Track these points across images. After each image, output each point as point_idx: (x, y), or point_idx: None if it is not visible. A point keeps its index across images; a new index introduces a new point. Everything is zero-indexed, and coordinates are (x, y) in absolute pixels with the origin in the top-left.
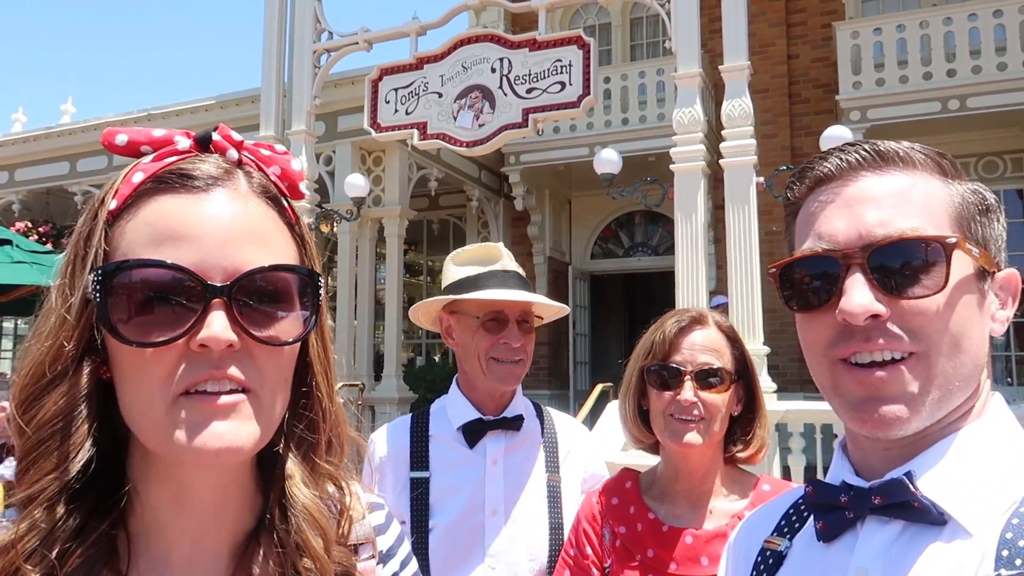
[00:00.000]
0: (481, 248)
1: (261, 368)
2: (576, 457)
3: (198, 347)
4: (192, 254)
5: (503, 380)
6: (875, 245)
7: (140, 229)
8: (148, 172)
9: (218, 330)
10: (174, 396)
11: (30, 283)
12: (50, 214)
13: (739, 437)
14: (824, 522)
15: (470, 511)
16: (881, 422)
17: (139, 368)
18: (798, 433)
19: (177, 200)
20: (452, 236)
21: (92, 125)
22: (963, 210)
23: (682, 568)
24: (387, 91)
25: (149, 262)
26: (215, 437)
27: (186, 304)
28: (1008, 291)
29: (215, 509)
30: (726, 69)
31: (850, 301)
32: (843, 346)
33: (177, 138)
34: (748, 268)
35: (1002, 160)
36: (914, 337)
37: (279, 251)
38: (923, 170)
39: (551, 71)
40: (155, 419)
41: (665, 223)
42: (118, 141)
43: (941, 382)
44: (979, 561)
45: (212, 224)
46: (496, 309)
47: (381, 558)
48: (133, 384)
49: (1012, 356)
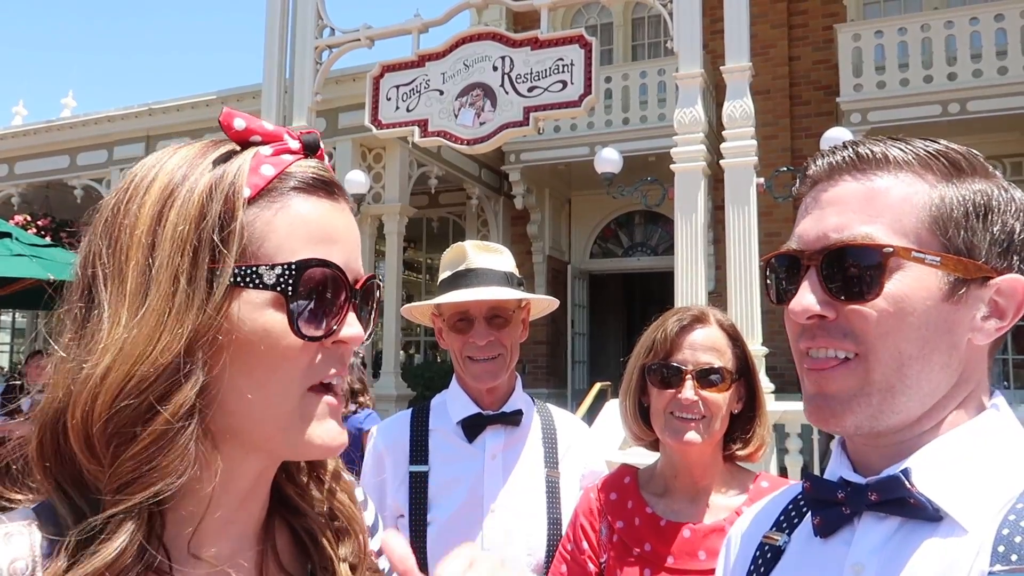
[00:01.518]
0: (452, 251)
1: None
2: (575, 453)
3: (331, 344)
4: (339, 258)
5: (478, 378)
6: (828, 248)
7: (297, 226)
8: (278, 167)
9: (359, 329)
10: (306, 389)
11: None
12: (50, 207)
13: (739, 435)
14: (821, 518)
15: (469, 505)
16: (820, 417)
17: (285, 360)
18: (795, 434)
19: (325, 205)
20: (452, 234)
21: (92, 119)
22: (942, 214)
23: (679, 562)
24: (388, 88)
25: (332, 264)
26: (338, 434)
27: (336, 303)
28: (1010, 298)
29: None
30: (727, 70)
31: (795, 300)
32: (801, 340)
33: (286, 136)
34: (747, 269)
35: (1001, 164)
36: (855, 340)
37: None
38: (907, 172)
39: (552, 70)
40: (286, 411)
41: (665, 223)
42: (236, 125)
43: (881, 387)
44: (974, 557)
45: (350, 232)
46: (460, 310)
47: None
48: (268, 375)
49: (1009, 359)
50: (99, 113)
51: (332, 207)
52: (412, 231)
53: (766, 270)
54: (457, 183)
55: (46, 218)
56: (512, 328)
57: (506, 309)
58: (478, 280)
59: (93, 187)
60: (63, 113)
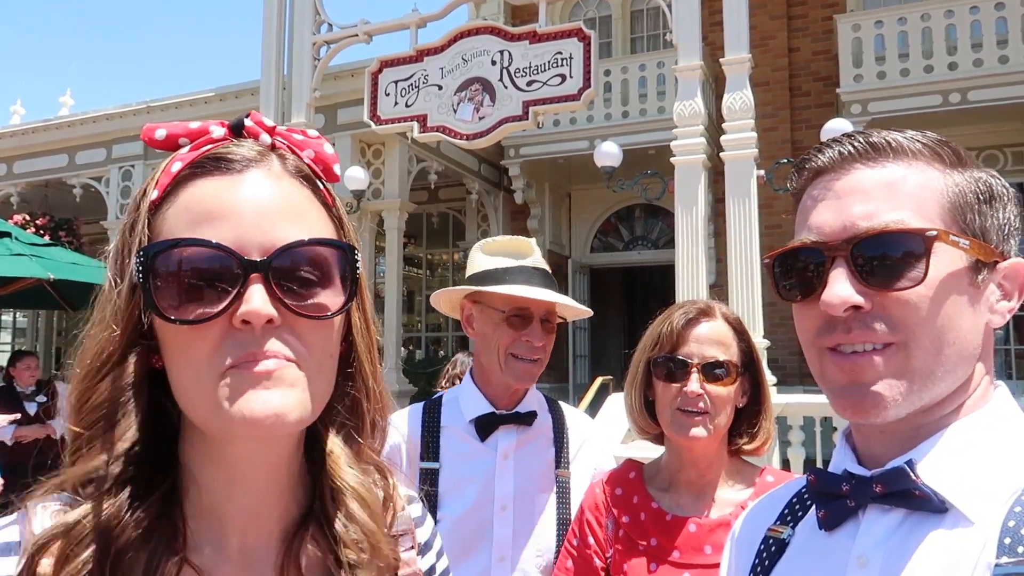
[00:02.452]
0: (512, 241)
1: (306, 342)
2: (587, 453)
3: (240, 323)
4: (230, 233)
5: (519, 378)
6: (858, 238)
7: (180, 214)
8: (185, 161)
9: (257, 304)
10: (221, 372)
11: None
12: (48, 207)
13: (745, 429)
14: (826, 510)
15: (479, 505)
16: (860, 408)
17: (186, 347)
18: (798, 426)
19: (213, 183)
20: (452, 229)
21: (91, 117)
22: (959, 200)
23: (685, 556)
24: (387, 83)
25: (188, 241)
26: (263, 403)
27: (225, 281)
28: (1014, 281)
29: (266, 491)
30: (727, 62)
31: (830, 293)
32: (827, 336)
33: (212, 127)
34: (748, 262)
35: (1003, 153)
36: (895, 328)
37: (315, 228)
38: (919, 160)
39: (551, 64)
40: (204, 395)
41: (665, 216)
42: (157, 136)
43: (922, 372)
44: (980, 549)
45: (248, 203)
46: (522, 306)
47: (420, 549)
48: (181, 363)
49: (1012, 349)
50: (97, 111)
51: (227, 182)
52: (412, 227)
53: (774, 266)
54: (457, 178)
55: (45, 217)
56: (553, 335)
57: (555, 315)
58: (543, 281)
59: (92, 186)
60: (61, 112)
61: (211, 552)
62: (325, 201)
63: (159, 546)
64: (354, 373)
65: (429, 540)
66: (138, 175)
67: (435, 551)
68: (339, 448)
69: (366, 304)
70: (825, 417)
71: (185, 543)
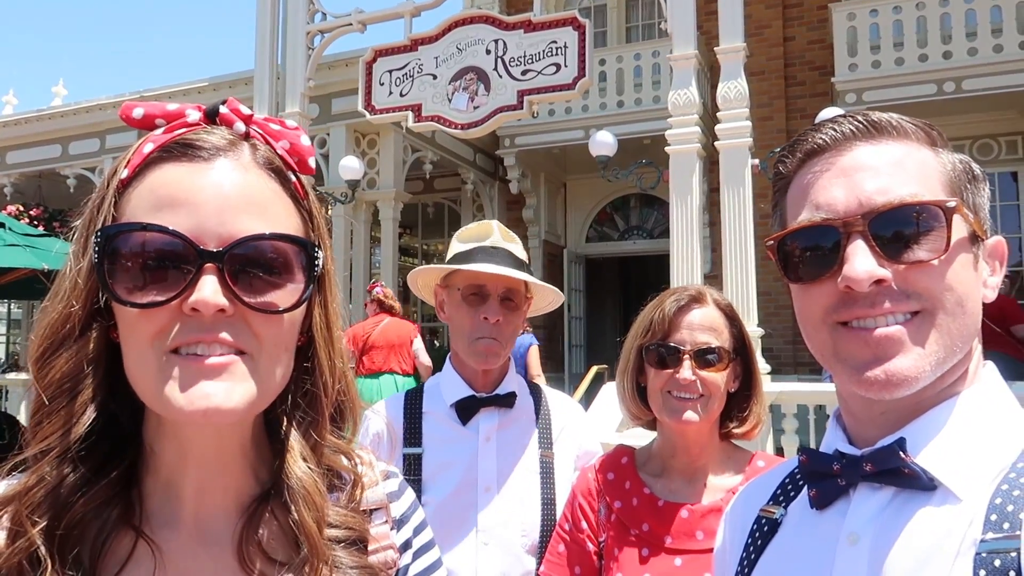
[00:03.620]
0: (477, 226)
1: (257, 334)
2: (570, 434)
3: (189, 310)
4: (188, 220)
5: (480, 355)
6: (876, 212)
7: (143, 196)
8: (157, 143)
9: (207, 294)
10: (164, 353)
11: (24, 266)
12: (42, 197)
13: (736, 414)
14: (817, 490)
15: (463, 487)
16: (888, 382)
17: (134, 328)
18: (791, 414)
19: (179, 168)
20: (447, 219)
21: (84, 107)
22: (955, 177)
23: (677, 542)
24: (381, 73)
25: (144, 225)
26: (203, 397)
27: (179, 268)
28: (996, 258)
29: (219, 466)
30: (722, 51)
31: (853, 267)
32: (844, 311)
33: (188, 111)
34: (743, 251)
35: (996, 143)
36: (918, 298)
37: (279, 222)
38: (915, 140)
39: (546, 53)
40: (148, 376)
41: (660, 206)
42: (135, 115)
43: (946, 341)
44: (968, 525)
45: (210, 192)
46: (477, 283)
47: (395, 524)
48: (129, 343)
49: None
50: (90, 101)
51: (192, 168)
52: (407, 217)
53: (780, 248)
54: (452, 168)
55: (39, 208)
56: (518, 315)
57: (519, 293)
58: (501, 259)
59: (86, 176)
60: (54, 102)
61: (166, 525)
62: (295, 194)
63: (111, 518)
64: (312, 368)
65: (406, 514)
66: None
67: (412, 525)
68: (295, 440)
69: (329, 299)
70: (819, 405)
71: (141, 516)
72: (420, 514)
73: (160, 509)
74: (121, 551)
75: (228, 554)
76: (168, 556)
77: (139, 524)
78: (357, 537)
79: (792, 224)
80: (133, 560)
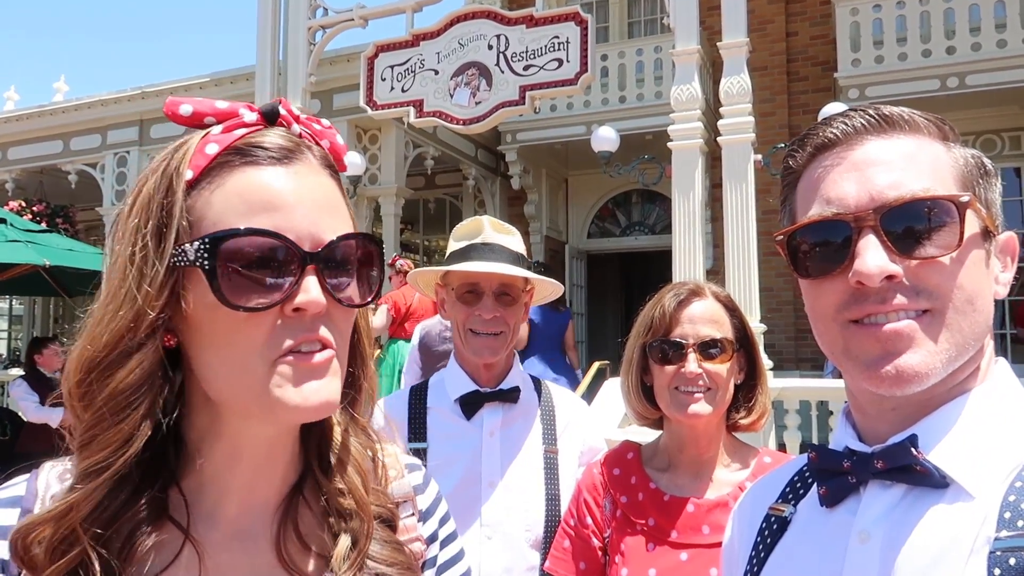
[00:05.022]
0: (468, 223)
1: (339, 329)
2: (574, 430)
3: (291, 311)
4: (286, 224)
5: (478, 352)
6: (888, 207)
7: (231, 200)
8: (222, 144)
9: (316, 294)
10: (276, 357)
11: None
12: (44, 193)
13: (742, 404)
14: (827, 487)
15: (467, 482)
16: (899, 378)
17: (238, 332)
18: (794, 410)
19: (263, 172)
20: (449, 215)
21: (85, 103)
22: (967, 172)
23: (683, 536)
24: (383, 68)
25: (256, 231)
26: (315, 393)
27: (283, 271)
28: (1008, 253)
29: (267, 462)
30: (724, 46)
31: (865, 263)
32: (856, 308)
33: (242, 111)
34: (745, 247)
35: (1000, 138)
36: (929, 296)
37: (347, 220)
38: (926, 134)
39: (548, 48)
40: (253, 381)
41: (662, 202)
42: (182, 111)
43: (957, 340)
44: (981, 523)
45: (299, 195)
46: (471, 281)
47: (421, 516)
48: (227, 348)
49: (1007, 334)
50: (92, 97)
51: (277, 172)
52: (409, 213)
53: (789, 243)
54: (453, 164)
55: (41, 204)
56: (517, 308)
57: (515, 287)
58: (493, 255)
59: (87, 172)
60: (55, 98)
61: (205, 522)
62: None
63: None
64: (355, 351)
65: (431, 507)
66: (133, 161)
67: (437, 518)
68: (338, 415)
69: None
70: (821, 401)
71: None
72: (444, 506)
73: (201, 505)
74: (162, 549)
75: (266, 549)
76: (208, 552)
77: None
78: (387, 515)
79: (802, 219)
80: (177, 561)
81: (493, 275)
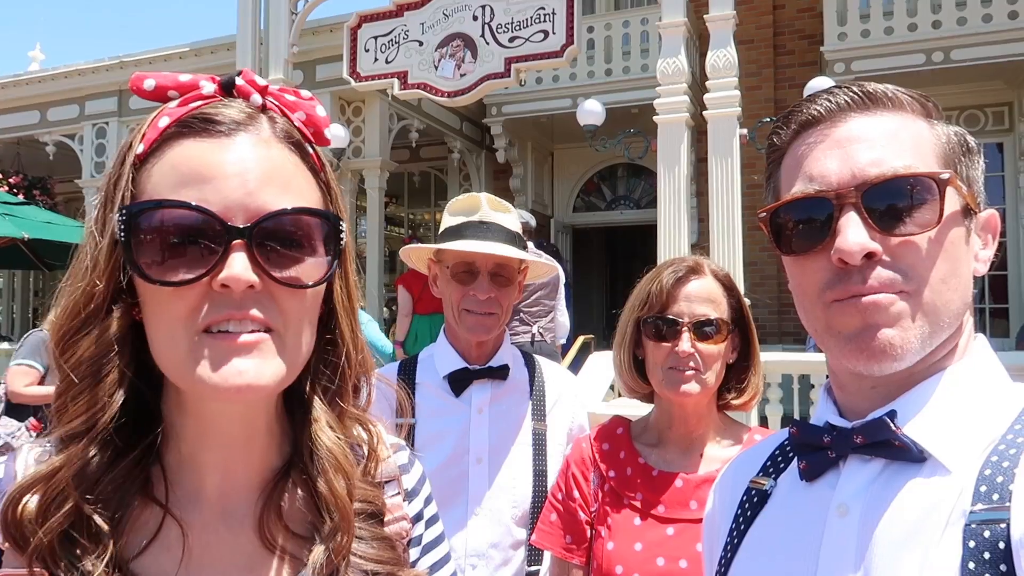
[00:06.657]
0: (465, 199)
1: (284, 309)
2: (563, 406)
3: (219, 287)
4: (215, 197)
5: (472, 331)
6: (869, 184)
7: (165, 172)
8: (173, 116)
9: (238, 270)
10: (196, 333)
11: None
12: (21, 165)
13: (734, 384)
14: (807, 462)
15: (454, 458)
16: (876, 351)
17: (163, 306)
18: (776, 384)
19: (201, 144)
20: (434, 189)
21: (63, 72)
22: (949, 149)
23: (670, 511)
24: (366, 39)
25: (172, 203)
26: (236, 374)
27: (208, 245)
28: (989, 231)
29: (243, 443)
30: (711, 18)
31: (846, 240)
32: (840, 288)
33: (203, 83)
34: (730, 221)
35: (983, 113)
36: (906, 276)
37: (302, 195)
38: (910, 111)
39: (534, 19)
40: (178, 356)
41: (648, 176)
42: (146, 86)
43: (932, 318)
44: (957, 496)
45: (235, 168)
46: (467, 261)
47: (407, 495)
48: (157, 322)
49: (987, 308)
50: (69, 67)
51: (217, 144)
52: (393, 186)
53: (772, 220)
54: (438, 137)
55: (18, 176)
56: (511, 288)
57: (510, 268)
58: (489, 234)
59: (65, 143)
60: (31, 67)
61: (189, 501)
62: (314, 166)
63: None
64: (334, 338)
65: (416, 487)
66: (112, 133)
67: (422, 497)
68: (320, 410)
69: (348, 271)
70: (803, 375)
71: (166, 493)
72: (428, 486)
73: (182, 484)
74: (145, 527)
75: (249, 530)
76: (191, 532)
77: (166, 501)
78: (375, 510)
79: (785, 196)
80: (159, 538)
81: (489, 255)
